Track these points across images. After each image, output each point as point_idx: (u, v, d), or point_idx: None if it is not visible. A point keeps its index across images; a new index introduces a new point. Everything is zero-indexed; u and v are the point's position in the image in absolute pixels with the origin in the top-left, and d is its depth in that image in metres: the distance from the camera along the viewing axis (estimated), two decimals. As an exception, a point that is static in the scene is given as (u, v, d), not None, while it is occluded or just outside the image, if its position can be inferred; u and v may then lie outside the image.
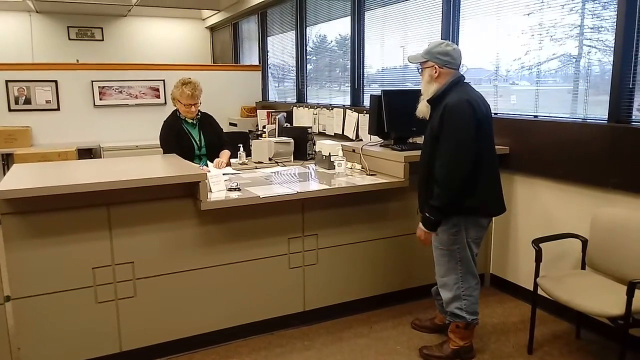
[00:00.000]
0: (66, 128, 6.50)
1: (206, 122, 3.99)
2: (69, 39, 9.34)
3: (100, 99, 6.68)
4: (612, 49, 2.88)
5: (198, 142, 3.86)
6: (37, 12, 9.00)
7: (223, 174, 3.13)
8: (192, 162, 3.55)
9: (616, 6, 2.85)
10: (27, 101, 6.32)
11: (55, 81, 6.43)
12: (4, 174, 6.03)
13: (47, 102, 6.41)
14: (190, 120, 3.86)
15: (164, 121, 3.88)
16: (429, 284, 3.09)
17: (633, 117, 2.84)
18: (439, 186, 2.57)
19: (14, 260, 2.50)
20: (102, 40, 9.58)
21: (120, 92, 6.78)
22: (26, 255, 2.52)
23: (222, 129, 4.18)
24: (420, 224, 2.72)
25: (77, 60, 8.11)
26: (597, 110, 3.05)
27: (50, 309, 2.60)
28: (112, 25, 9.62)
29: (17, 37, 8.95)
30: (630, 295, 2.33)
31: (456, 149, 2.52)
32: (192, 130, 3.88)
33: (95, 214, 2.63)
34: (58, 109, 6.47)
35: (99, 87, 6.64)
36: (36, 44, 9.07)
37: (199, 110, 3.90)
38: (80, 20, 9.36)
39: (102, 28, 9.55)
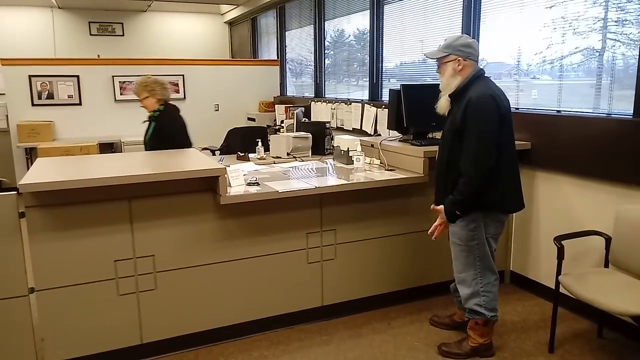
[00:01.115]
0: (88, 122, 6.60)
1: (159, 120, 3.96)
2: (90, 34, 9.45)
3: (121, 94, 6.75)
4: (637, 42, 2.81)
5: (145, 137, 4.01)
6: (59, 7, 9.12)
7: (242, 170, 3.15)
8: None
9: (643, -2, 2.79)
10: (50, 96, 6.42)
11: (77, 76, 6.52)
12: (28, 167, 6.15)
13: (69, 96, 6.51)
14: (148, 114, 4.02)
15: None
16: (448, 280, 3.07)
17: (659, 112, 2.78)
18: (464, 181, 2.55)
19: (38, 252, 2.55)
20: (123, 35, 9.67)
21: (141, 87, 6.84)
22: (50, 247, 2.57)
23: (172, 132, 3.91)
24: (443, 214, 2.66)
25: (98, 56, 8.23)
26: (622, 105, 2.99)
27: (73, 300, 2.65)
28: (132, 20, 9.71)
29: (40, 33, 9.09)
30: (655, 294, 2.29)
31: (481, 143, 2.50)
32: (149, 125, 4.01)
33: (117, 207, 2.67)
34: (80, 104, 6.56)
35: (119, 82, 6.71)
36: (58, 39, 9.20)
37: (162, 107, 3.97)
38: (101, 15, 9.46)
39: (122, 23, 9.64)
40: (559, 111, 3.38)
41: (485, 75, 2.70)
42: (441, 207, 2.68)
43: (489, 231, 2.69)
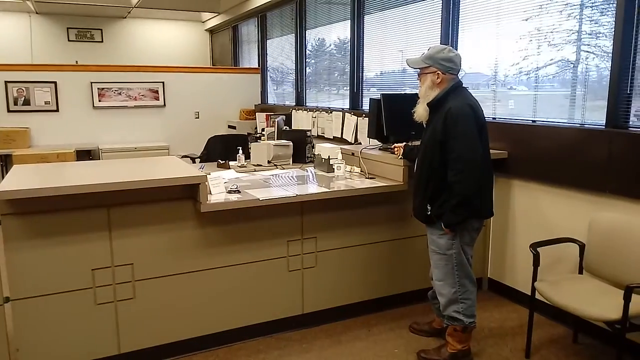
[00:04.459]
0: (65, 129, 6.50)
1: None
2: (69, 40, 9.35)
3: (99, 101, 6.68)
4: (610, 54, 2.90)
5: None
6: (36, 13, 9.00)
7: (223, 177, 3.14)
8: None
9: (614, 12, 2.87)
10: (26, 102, 6.32)
11: (55, 82, 6.43)
12: (2, 175, 6.04)
13: (46, 103, 6.41)
14: None
15: None
16: (427, 287, 3.10)
17: (630, 123, 2.86)
18: (456, 180, 2.56)
19: (13, 261, 2.50)
20: (102, 41, 9.59)
21: (120, 93, 6.78)
22: (26, 256, 2.52)
23: None
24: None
25: (77, 62, 8.12)
26: (595, 115, 3.07)
27: (49, 310, 2.60)
28: (111, 26, 9.63)
29: (17, 38, 8.96)
30: (627, 299, 2.35)
31: (466, 143, 2.55)
32: None
33: (95, 215, 2.64)
34: (57, 110, 6.46)
35: (98, 88, 6.64)
36: (36, 45, 9.08)
37: None
38: (80, 21, 9.37)
39: (101, 29, 9.56)
40: (534, 121, 3.46)
41: (463, 85, 2.75)
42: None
43: (464, 239, 2.73)
